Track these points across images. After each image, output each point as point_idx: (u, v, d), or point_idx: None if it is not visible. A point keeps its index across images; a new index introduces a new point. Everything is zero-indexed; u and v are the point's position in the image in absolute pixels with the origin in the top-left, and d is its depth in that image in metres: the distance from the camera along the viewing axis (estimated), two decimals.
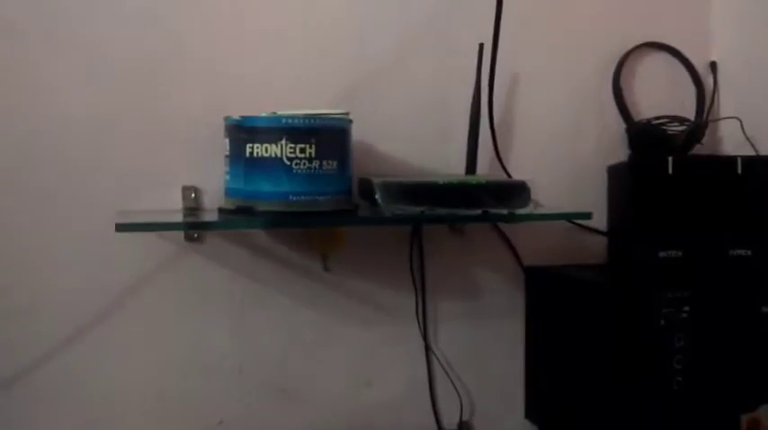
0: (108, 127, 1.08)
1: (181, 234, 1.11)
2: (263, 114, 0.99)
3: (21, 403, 1.07)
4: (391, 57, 1.20)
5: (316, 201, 0.99)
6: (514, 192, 1.04)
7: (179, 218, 1.06)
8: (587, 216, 1.09)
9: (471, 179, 1.05)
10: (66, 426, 1.08)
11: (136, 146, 1.09)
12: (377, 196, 0.99)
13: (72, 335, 1.08)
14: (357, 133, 1.06)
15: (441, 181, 1.02)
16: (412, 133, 1.21)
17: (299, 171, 0.97)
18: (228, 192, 1.02)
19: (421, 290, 1.23)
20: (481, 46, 1.17)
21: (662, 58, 1.34)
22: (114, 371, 1.10)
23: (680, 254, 1.15)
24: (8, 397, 1.06)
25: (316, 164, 0.98)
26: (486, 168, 1.23)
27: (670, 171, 1.16)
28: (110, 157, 1.08)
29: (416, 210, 0.99)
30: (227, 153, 1.02)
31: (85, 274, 1.08)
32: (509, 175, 1.24)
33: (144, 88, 1.09)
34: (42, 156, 1.06)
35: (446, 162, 1.22)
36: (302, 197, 0.98)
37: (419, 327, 1.23)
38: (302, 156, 0.97)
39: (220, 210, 1.05)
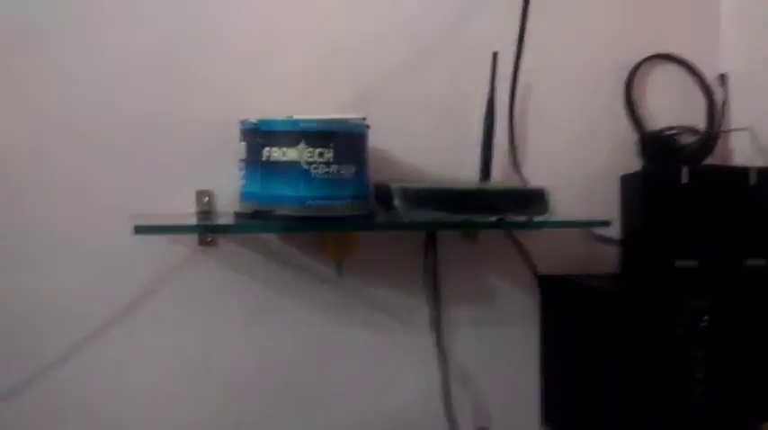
0: (121, 130, 1.07)
1: (194, 238, 1.10)
2: (280, 118, 0.98)
3: (30, 406, 1.05)
4: (406, 63, 1.19)
5: (334, 206, 0.98)
6: (534, 199, 1.04)
7: (194, 221, 1.05)
8: (606, 224, 1.08)
9: (490, 186, 1.05)
10: None
11: (150, 149, 1.08)
12: (395, 201, 0.98)
13: (83, 339, 1.06)
14: (371, 139, 1.06)
15: (459, 187, 1.02)
16: (426, 140, 1.20)
17: (318, 175, 0.96)
18: (244, 196, 1.01)
19: (435, 296, 1.22)
20: (495, 54, 1.18)
21: (672, 70, 1.35)
22: (126, 375, 1.08)
23: (695, 264, 1.15)
24: (17, 400, 1.04)
25: (334, 168, 0.97)
26: (499, 176, 1.23)
27: (684, 181, 1.16)
28: (122, 160, 1.07)
29: (436, 215, 0.99)
30: (243, 157, 1.01)
31: (97, 278, 1.07)
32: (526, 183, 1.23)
33: (158, 91, 1.08)
34: (55, 156, 1.05)
35: (460, 169, 1.21)
36: (320, 201, 0.97)
37: (433, 334, 1.22)
38: (320, 160, 0.96)
39: (236, 214, 1.03)
